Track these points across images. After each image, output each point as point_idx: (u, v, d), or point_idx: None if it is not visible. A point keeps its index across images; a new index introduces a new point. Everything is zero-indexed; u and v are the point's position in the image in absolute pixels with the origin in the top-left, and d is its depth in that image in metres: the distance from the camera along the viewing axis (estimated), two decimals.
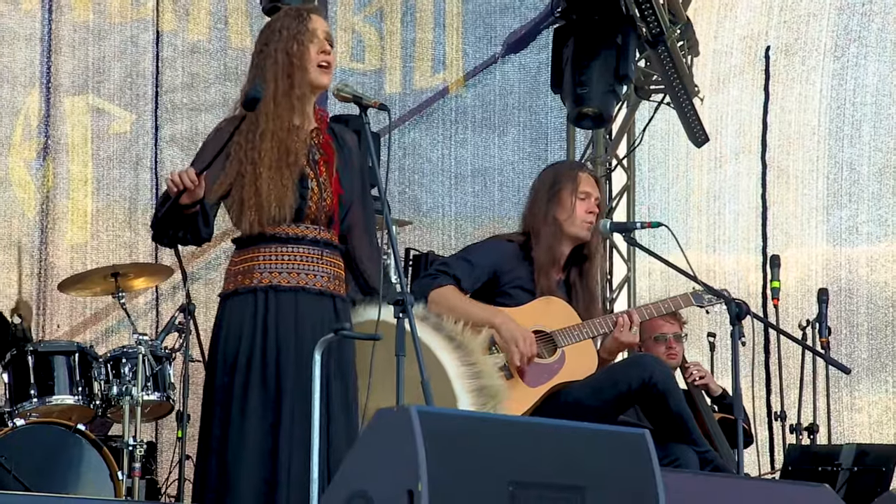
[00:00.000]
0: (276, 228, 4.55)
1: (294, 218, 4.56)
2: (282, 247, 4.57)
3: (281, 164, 4.53)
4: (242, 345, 4.52)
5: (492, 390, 4.43)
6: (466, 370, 4.43)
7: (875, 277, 9.13)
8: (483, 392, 4.41)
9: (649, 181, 10.02)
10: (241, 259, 4.61)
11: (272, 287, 4.54)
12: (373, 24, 9.79)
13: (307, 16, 4.68)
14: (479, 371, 4.45)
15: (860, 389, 9.06)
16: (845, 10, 9.42)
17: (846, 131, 9.36)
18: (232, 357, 4.52)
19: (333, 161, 4.66)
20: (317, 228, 4.61)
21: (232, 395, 4.49)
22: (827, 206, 9.34)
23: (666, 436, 5.51)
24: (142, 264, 8.19)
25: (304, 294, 4.57)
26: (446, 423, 3.58)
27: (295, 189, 4.54)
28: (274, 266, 4.56)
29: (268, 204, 4.50)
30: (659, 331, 6.91)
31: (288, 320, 4.53)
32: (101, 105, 9.14)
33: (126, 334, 8.35)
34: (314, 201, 4.59)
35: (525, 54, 9.99)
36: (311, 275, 4.58)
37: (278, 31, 4.65)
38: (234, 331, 4.54)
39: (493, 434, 3.66)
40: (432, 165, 9.80)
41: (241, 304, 4.56)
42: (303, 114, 4.64)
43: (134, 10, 9.24)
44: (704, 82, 9.58)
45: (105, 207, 9.07)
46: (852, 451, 5.87)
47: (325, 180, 4.62)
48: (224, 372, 4.53)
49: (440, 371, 4.41)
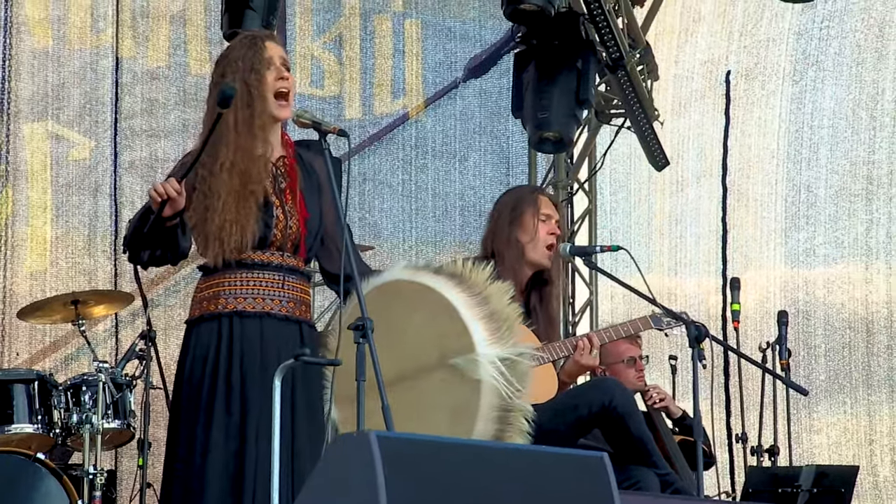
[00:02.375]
0: (240, 255, 4.57)
1: (259, 245, 4.59)
2: (247, 272, 4.59)
3: (244, 193, 4.55)
4: (207, 370, 4.53)
5: (502, 314, 4.38)
6: (473, 300, 4.39)
7: (832, 299, 9.23)
8: (494, 317, 4.35)
9: (611, 205, 10.09)
10: (207, 285, 4.63)
11: (237, 313, 4.57)
12: (332, 50, 9.84)
13: (261, 43, 4.69)
14: (486, 297, 4.42)
15: (819, 411, 9.14)
16: (804, 34, 9.54)
17: (804, 154, 9.47)
18: (197, 382, 4.53)
19: (297, 185, 4.69)
20: (282, 255, 4.63)
21: (197, 422, 4.50)
22: (785, 229, 9.44)
23: (626, 458, 5.54)
24: (102, 291, 8.19)
25: (268, 319, 4.59)
26: (406, 447, 3.61)
27: (259, 217, 4.57)
28: (239, 292, 4.58)
29: (228, 235, 4.52)
30: (627, 354, 6.99)
31: (253, 346, 4.56)
32: (60, 131, 9.14)
33: (86, 362, 8.35)
34: (279, 229, 4.61)
35: (486, 79, 10.05)
36: (276, 300, 4.61)
37: (234, 60, 4.66)
38: (199, 356, 4.56)
39: (452, 458, 3.69)
40: (392, 191, 9.83)
41: (206, 330, 4.59)
42: (266, 142, 4.66)
43: (93, 37, 9.26)
44: (665, 106, 9.66)
45: (64, 234, 9.06)
46: (812, 473, 5.93)
47: (291, 207, 4.65)
48: (189, 398, 4.55)
49: (447, 307, 4.35)
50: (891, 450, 9.09)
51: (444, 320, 4.35)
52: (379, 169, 9.84)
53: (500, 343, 4.34)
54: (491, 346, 4.32)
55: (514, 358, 4.35)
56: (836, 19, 9.48)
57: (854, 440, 9.12)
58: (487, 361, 4.29)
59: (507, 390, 4.27)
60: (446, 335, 4.35)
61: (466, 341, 4.32)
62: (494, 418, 4.29)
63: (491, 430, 4.28)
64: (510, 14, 7.90)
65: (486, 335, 4.33)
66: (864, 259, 9.25)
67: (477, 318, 4.35)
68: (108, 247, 9.08)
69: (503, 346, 4.34)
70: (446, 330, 4.34)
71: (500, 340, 4.35)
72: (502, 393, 4.28)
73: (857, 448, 9.10)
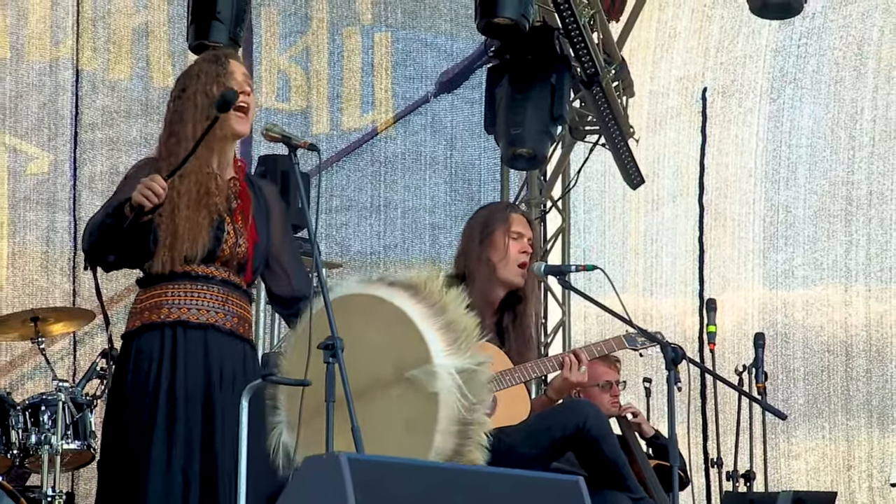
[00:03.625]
0: (185, 267, 4.59)
1: (205, 259, 4.61)
2: (191, 283, 4.61)
3: (199, 204, 4.60)
4: (150, 382, 4.52)
5: (460, 324, 4.35)
6: (429, 310, 4.38)
7: (811, 321, 9.28)
8: (451, 327, 4.33)
9: (585, 223, 10.12)
10: (147, 296, 4.64)
11: (181, 322, 4.58)
12: (299, 63, 9.85)
13: (224, 59, 4.77)
14: (442, 307, 4.40)
15: (797, 436, 9.18)
16: (781, 51, 9.60)
17: (782, 174, 9.53)
18: (139, 396, 4.52)
19: (250, 209, 4.74)
20: (227, 271, 4.67)
21: (138, 438, 4.49)
22: (763, 250, 9.49)
23: (600, 482, 5.55)
24: (61, 308, 8.17)
25: (213, 332, 4.61)
26: (377, 470, 3.62)
27: (210, 231, 4.61)
28: (183, 302, 4.59)
29: (181, 242, 4.55)
30: (603, 378, 7.01)
31: (197, 358, 4.56)
32: (16, 144, 9.12)
33: (43, 381, 8.33)
34: (229, 245, 4.65)
35: (457, 94, 10.08)
36: (221, 314, 4.63)
37: (196, 75, 4.73)
38: (141, 369, 4.55)
39: (425, 481, 3.71)
40: (361, 207, 9.84)
41: (147, 340, 4.58)
42: (222, 160, 4.72)
43: (52, 48, 9.25)
44: (641, 123, 9.70)
45: (20, 250, 9.04)
46: (789, 499, 5.98)
47: (241, 227, 4.69)
48: (131, 413, 4.52)
49: (402, 318, 4.32)
50: (869, 476, 9.13)
51: (399, 332, 4.33)
52: (347, 185, 9.85)
53: (458, 353, 4.31)
54: (448, 356, 4.29)
55: (473, 368, 4.32)
56: (815, 37, 9.55)
57: (832, 466, 9.16)
58: (445, 373, 4.26)
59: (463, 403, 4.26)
60: (402, 348, 4.32)
61: (423, 353, 4.29)
62: (454, 432, 4.25)
63: (450, 444, 4.25)
64: (483, 27, 7.94)
65: (444, 346, 4.30)
66: (843, 281, 9.31)
67: (433, 328, 4.32)
68: (67, 263, 9.06)
69: (461, 357, 4.31)
70: (402, 342, 4.31)
71: (458, 351, 4.32)
72: (460, 405, 4.24)
73: (835, 474, 9.14)
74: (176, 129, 4.69)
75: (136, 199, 4.42)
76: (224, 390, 4.55)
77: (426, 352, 4.28)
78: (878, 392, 9.15)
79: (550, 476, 4.20)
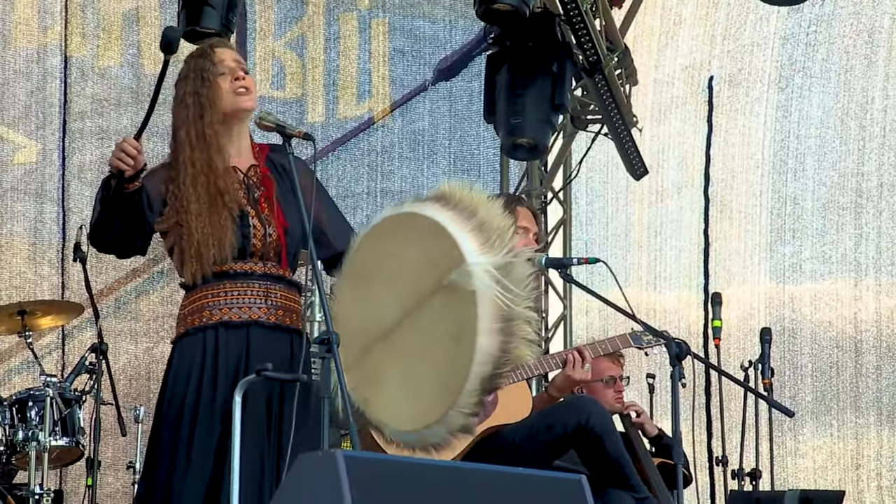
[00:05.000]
0: (222, 267, 4.60)
1: (239, 256, 4.62)
2: (231, 283, 4.62)
3: (213, 206, 4.59)
4: (191, 386, 4.55)
5: (492, 224, 4.34)
6: (460, 215, 4.39)
7: (819, 316, 9.29)
8: (483, 228, 4.34)
9: (587, 215, 10.12)
10: (189, 301, 4.66)
11: (223, 323, 4.59)
12: (294, 50, 9.84)
13: (210, 51, 4.75)
14: (473, 210, 4.40)
15: (804, 433, 9.20)
16: (790, 39, 9.60)
17: (790, 165, 9.53)
18: (179, 400, 4.54)
19: (273, 195, 4.73)
20: (264, 264, 4.67)
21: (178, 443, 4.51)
22: (770, 243, 9.50)
23: (603, 481, 5.56)
24: (50, 301, 8.18)
25: (256, 328, 4.61)
26: (374, 468, 3.62)
27: (235, 228, 4.60)
28: (224, 302, 4.60)
29: (206, 249, 4.56)
30: (606, 373, 7.02)
31: (239, 358, 4.57)
32: (3, 133, 9.12)
33: (30, 376, 8.33)
34: (258, 238, 4.65)
35: (456, 82, 10.07)
36: (264, 308, 4.63)
37: (185, 76, 4.73)
38: (182, 373, 4.58)
39: (422, 480, 3.71)
40: (357, 198, 9.84)
41: (189, 344, 4.60)
42: (241, 146, 4.72)
43: (40, 34, 9.24)
44: (645, 113, 9.70)
45: (7, 242, 9.04)
46: (796, 498, 5.97)
47: (268, 216, 4.68)
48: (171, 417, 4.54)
49: (435, 228, 4.30)
50: (878, 475, 9.15)
51: (433, 242, 4.34)
52: (343, 176, 9.85)
53: (492, 252, 4.31)
54: (482, 255, 4.30)
55: (510, 261, 4.32)
56: (824, 24, 9.55)
57: (840, 464, 9.18)
58: (481, 270, 4.26)
59: (505, 297, 4.25)
60: (437, 256, 4.33)
61: (456, 255, 4.29)
62: (497, 330, 4.24)
63: (495, 343, 4.24)
64: (483, 14, 7.93)
65: (476, 245, 4.31)
66: (852, 275, 9.32)
67: (465, 230, 4.32)
68: (55, 256, 9.06)
69: (496, 254, 4.31)
70: (437, 251, 4.32)
71: (492, 249, 4.32)
72: (500, 300, 4.25)
73: (843, 473, 9.16)
74: (175, 134, 4.71)
75: (112, 164, 4.43)
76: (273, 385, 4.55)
77: (459, 254, 4.29)
78: (888, 389, 9.17)
79: (552, 475, 4.21)
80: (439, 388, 4.30)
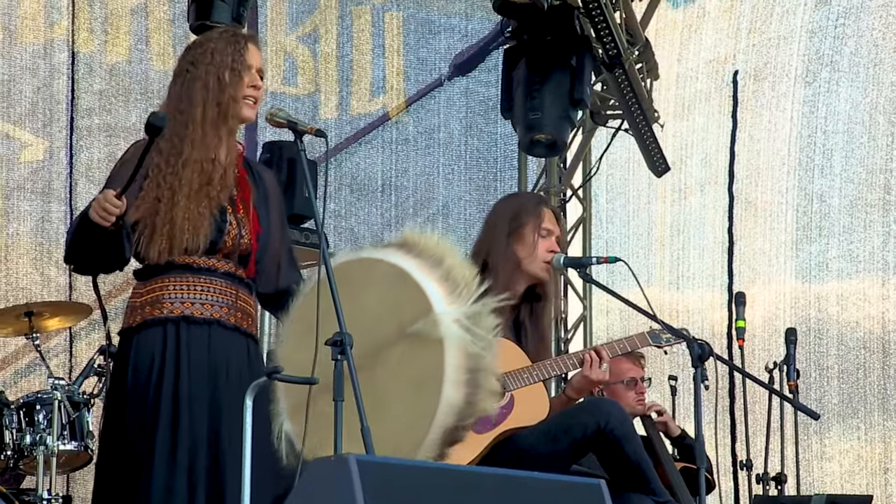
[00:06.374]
0: (186, 258, 4.60)
1: (207, 250, 4.61)
2: (194, 276, 4.62)
3: (201, 193, 4.60)
4: (152, 381, 4.53)
5: (458, 274, 4.34)
6: (426, 262, 4.39)
7: (846, 316, 9.28)
8: (450, 277, 4.35)
9: (607, 213, 10.13)
10: (147, 290, 4.64)
11: (185, 318, 4.58)
12: (307, 45, 9.86)
13: (244, 44, 4.73)
14: (439, 259, 4.40)
15: (831, 436, 9.20)
16: (817, 33, 9.59)
17: (817, 161, 9.53)
18: (140, 395, 4.53)
19: (250, 198, 4.75)
20: (230, 263, 4.68)
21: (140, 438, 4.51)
22: (796, 241, 9.50)
23: (623, 485, 5.56)
24: (57, 302, 8.20)
25: (217, 327, 4.62)
26: (387, 473, 3.64)
27: (212, 221, 4.61)
28: (186, 296, 4.60)
29: (181, 233, 4.55)
30: (627, 375, 7.04)
31: (201, 355, 4.57)
32: (10, 131, 9.14)
33: (38, 378, 8.35)
34: (231, 237, 4.65)
35: (472, 77, 10.09)
36: (226, 308, 4.64)
37: (210, 52, 4.69)
38: (142, 366, 4.56)
39: (436, 485, 3.72)
40: (371, 196, 9.86)
41: (149, 337, 4.59)
42: (230, 148, 4.71)
43: (47, 29, 9.26)
44: (668, 108, 9.70)
45: (14, 242, 9.06)
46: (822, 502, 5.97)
47: (244, 217, 4.70)
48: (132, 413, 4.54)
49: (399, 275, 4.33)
50: None
51: (397, 289, 4.33)
52: (356, 173, 9.86)
53: (459, 301, 4.31)
54: (450, 305, 4.29)
55: (477, 311, 4.31)
56: (852, 16, 9.55)
57: (868, 468, 9.18)
58: (448, 319, 4.25)
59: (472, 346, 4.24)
60: (402, 304, 4.32)
61: (423, 304, 4.29)
62: (463, 381, 4.24)
63: (460, 394, 4.23)
64: (499, 7, 7.96)
65: (444, 295, 4.30)
66: (880, 274, 9.31)
67: (431, 279, 4.32)
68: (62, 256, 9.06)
69: (463, 304, 4.30)
70: (401, 299, 4.31)
71: (459, 299, 4.32)
72: (468, 350, 4.23)
73: (870, 477, 9.16)
74: (183, 107, 4.68)
75: (94, 219, 4.39)
76: (230, 388, 4.57)
77: (426, 303, 4.29)
78: None
79: (571, 479, 4.22)
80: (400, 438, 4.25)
